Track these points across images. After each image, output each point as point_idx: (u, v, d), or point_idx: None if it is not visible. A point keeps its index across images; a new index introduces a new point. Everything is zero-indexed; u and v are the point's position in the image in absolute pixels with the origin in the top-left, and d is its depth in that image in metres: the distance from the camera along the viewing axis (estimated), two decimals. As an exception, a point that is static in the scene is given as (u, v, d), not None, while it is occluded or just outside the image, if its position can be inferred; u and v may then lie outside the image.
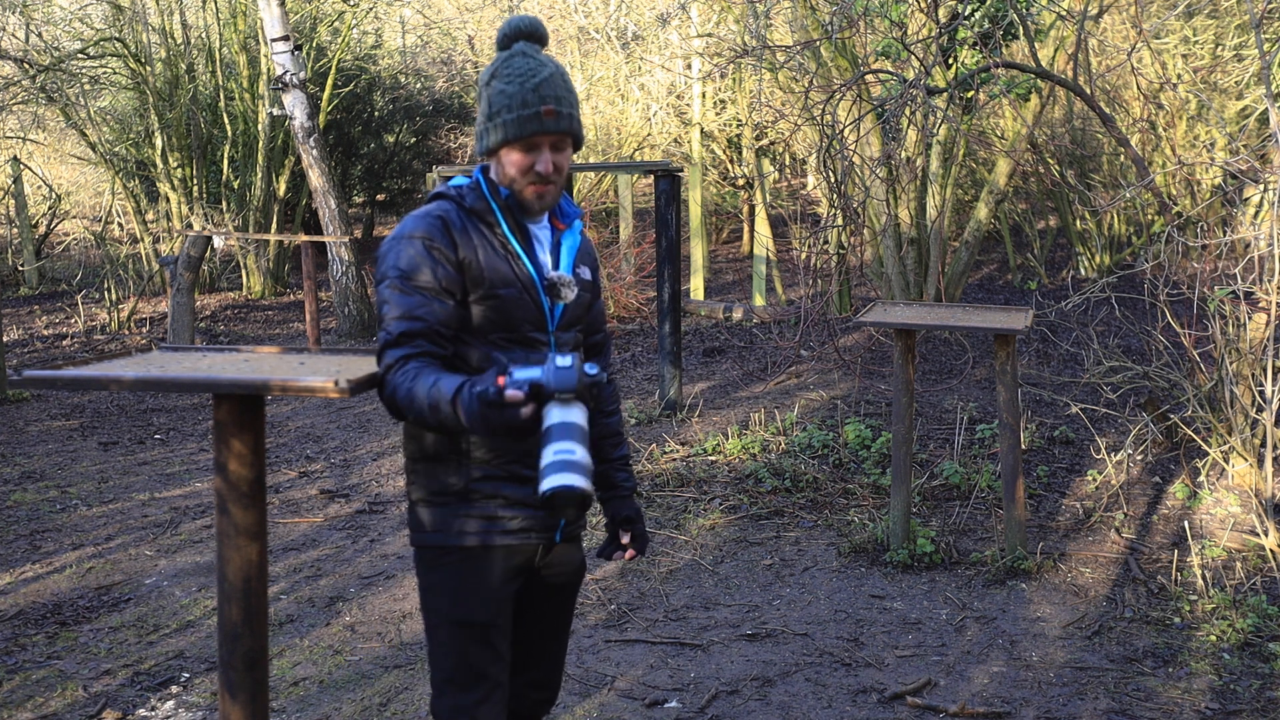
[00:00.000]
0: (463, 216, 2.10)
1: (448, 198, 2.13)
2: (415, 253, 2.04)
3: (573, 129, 2.09)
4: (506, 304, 2.08)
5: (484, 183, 2.13)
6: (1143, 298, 5.74)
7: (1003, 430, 4.31)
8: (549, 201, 2.12)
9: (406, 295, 2.02)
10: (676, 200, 6.78)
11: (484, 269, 2.06)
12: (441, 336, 2.03)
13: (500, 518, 2.12)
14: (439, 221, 2.07)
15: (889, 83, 5.95)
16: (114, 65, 14.22)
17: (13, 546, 4.96)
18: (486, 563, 2.12)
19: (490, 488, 2.11)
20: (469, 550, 2.11)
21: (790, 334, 8.96)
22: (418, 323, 2.01)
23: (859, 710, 3.29)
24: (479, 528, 2.11)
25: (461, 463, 2.11)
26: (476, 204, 2.11)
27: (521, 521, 2.13)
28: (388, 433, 6.95)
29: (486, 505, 2.11)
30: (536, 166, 2.07)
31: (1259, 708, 3.22)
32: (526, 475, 2.09)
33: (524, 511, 2.13)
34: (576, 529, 2.27)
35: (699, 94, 12.39)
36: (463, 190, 2.13)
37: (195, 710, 3.40)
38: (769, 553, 4.60)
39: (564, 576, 2.28)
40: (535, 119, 2.04)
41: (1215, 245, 5.25)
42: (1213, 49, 9.65)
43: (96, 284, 13.61)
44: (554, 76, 2.07)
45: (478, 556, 2.11)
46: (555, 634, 2.33)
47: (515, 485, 2.12)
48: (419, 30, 19.91)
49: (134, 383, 2.07)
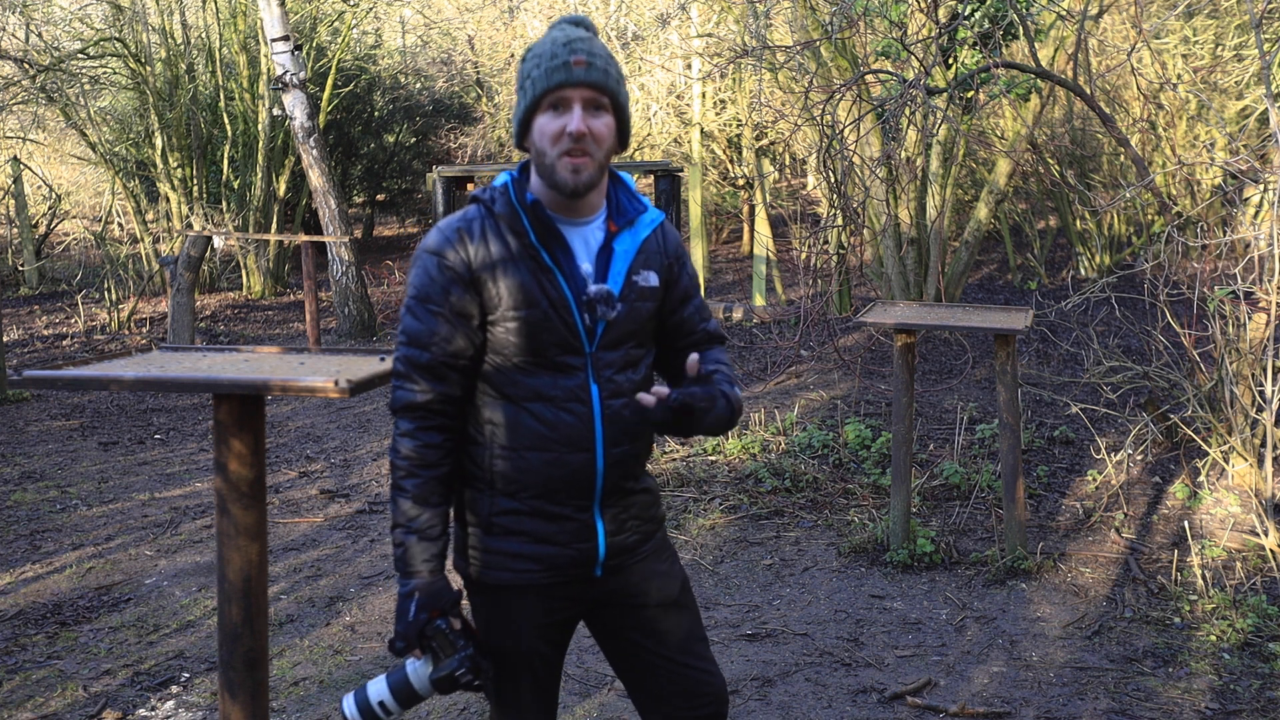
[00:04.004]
0: (489, 225, 1.89)
1: (480, 201, 1.93)
2: (428, 270, 1.88)
3: (608, 85, 1.83)
4: (529, 327, 1.86)
5: (512, 184, 1.91)
6: (1143, 298, 5.74)
7: (1003, 430, 4.31)
8: (585, 178, 1.84)
9: (416, 319, 1.88)
10: (676, 200, 6.79)
11: (502, 288, 1.86)
12: (450, 369, 1.88)
13: (522, 555, 1.94)
14: (456, 234, 1.88)
15: (889, 83, 5.95)
16: (114, 65, 14.22)
17: (13, 546, 4.96)
18: (511, 598, 1.97)
19: (512, 522, 1.94)
20: (492, 586, 1.97)
21: (790, 334, 8.96)
22: (424, 352, 1.87)
23: (859, 710, 3.28)
24: (501, 564, 1.95)
25: (485, 492, 1.95)
26: (504, 210, 1.89)
27: (547, 559, 1.95)
28: (387, 433, 6.95)
29: (509, 541, 1.94)
30: (568, 127, 1.81)
31: (1259, 708, 3.22)
32: (553, 511, 1.93)
33: (550, 549, 1.94)
34: (646, 550, 2.05)
35: (699, 94, 12.39)
36: (494, 193, 1.92)
37: (195, 710, 3.40)
38: (769, 553, 4.60)
39: (650, 597, 2.04)
40: (563, 68, 1.80)
41: (1215, 245, 5.25)
42: (1213, 49, 9.65)
43: (96, 284, 13.60)
44: (591, 40, 1.86)
45: (502, 592, 1.97)
46: (675, 650, 2.06)
47: (541, 521, 1.93)
48: (419, 30, 19.90)
49: (134, 383, 2.07)
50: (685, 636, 2.07)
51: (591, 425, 1.90)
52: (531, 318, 1.85)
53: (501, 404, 1.91)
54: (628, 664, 2.08)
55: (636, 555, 2.03)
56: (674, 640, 2.06)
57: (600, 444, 1.92)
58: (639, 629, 2.04)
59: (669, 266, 2.03)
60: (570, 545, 1.95)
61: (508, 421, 1.91)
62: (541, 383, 1.88)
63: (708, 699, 2.07)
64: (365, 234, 19.99)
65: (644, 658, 2.06)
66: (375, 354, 2.41)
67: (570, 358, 1.89)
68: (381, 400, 7.86)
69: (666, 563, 2.08)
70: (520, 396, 1.90)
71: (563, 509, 1.93)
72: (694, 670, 2.06)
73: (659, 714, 2.09)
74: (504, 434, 1.91)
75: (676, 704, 2.06)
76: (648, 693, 2.08)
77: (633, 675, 2.09)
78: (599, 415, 1.91)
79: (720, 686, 2.09)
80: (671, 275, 2.04)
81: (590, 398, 1.90)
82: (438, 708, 3.36)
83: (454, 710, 3.34)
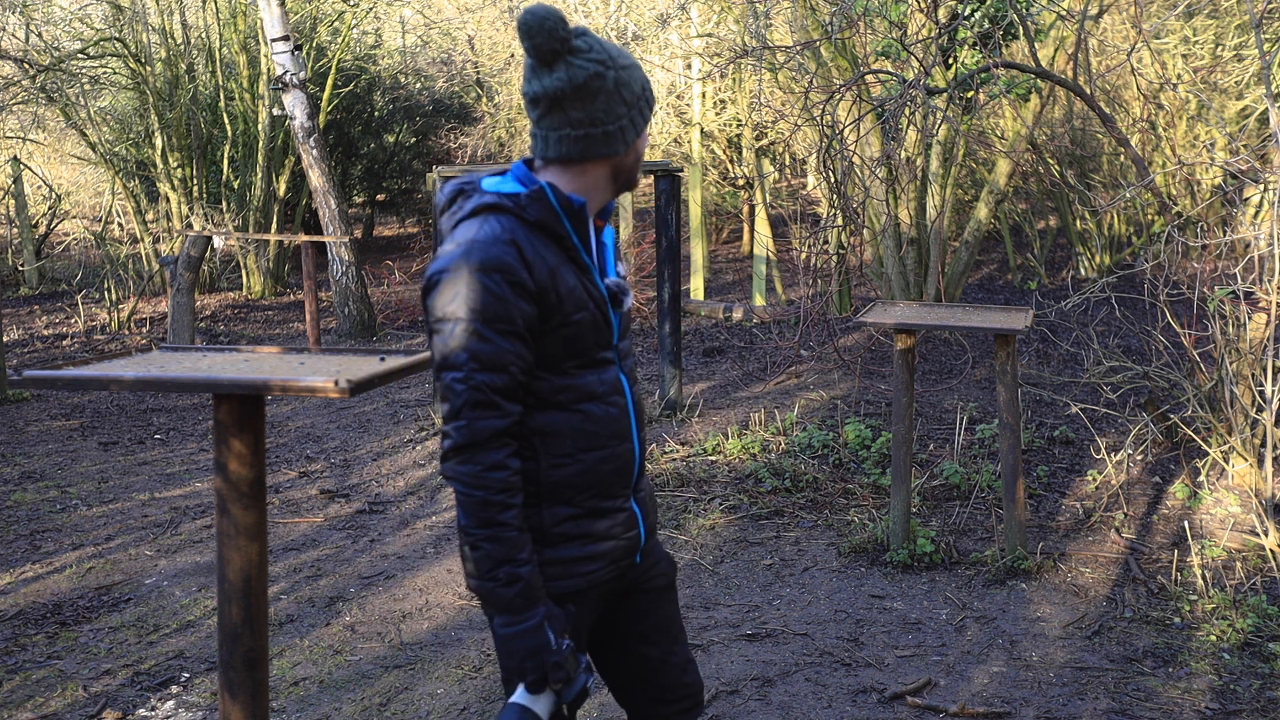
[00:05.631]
0: (529, 234, 1.82)
1: (505, 210, 1.82)
2: (489, 289, 1.76)
3: None
4: (581, 330, 1.86)
5: (550, 190, 1.84)
6: (1143, 298, 5.74)
7: (1003, 430, 4.31)
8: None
9: (486, 342, 1.76)
10: (676, 200, 6.79)
11: (561, 296, 1.82)
12: (521, 388, 1.83)
13: (585, 558, 1.92)
14: (512, 248, 1.78)
15: (889, 83, 5.95)
16: (114, 65, 14.21)
17: (13, 546, 4.96)
18: (575, 603, 1.93)
19: (572, 528, 1.91)
20: (558, 596, 1.91)
21: (790, 334, 8.96)
22: (501, 375, 1.77)
23: (859, 710, 3.29)
24: (567, 572, 1.91)
25: (537, 506, 1.89)
26: (544, 216, 1.83)
27: (608, 555, 1.95)
28: (388, 433, 6.95)
29: (570, 548, 1.91)
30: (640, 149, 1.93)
31: (1259, 708, 3.22)
32: (606, 507, 1.93)
33: (609, 544, 1.94)
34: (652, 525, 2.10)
35: (699, 94, 12.39)
36: (521, 200, 1.83)
37: (195, 710, 3.40)
38: (769, 553, 4.60)
39: (656, 580, 2.09)
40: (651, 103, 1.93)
41: (1215, 245, 5.25)
42: (1213, 49, 9.65)
43: (96, 284, 13.60)
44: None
45: (566, 600, 1.92)
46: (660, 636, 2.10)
47: (597, 520, 1.93)
48: (419, 30, 19.91)
49: (134, 383, 2.07)
50: (671, 624, 2.13)
51: (628, 414, 1.98)
52: (585, 320, 1.87)
53: (550, 413, 1.88)
54: (614, 655, 2.12)
55: (654, 537, 2.11)
56: (668, 628, 2.12)
57: (635, 430, 1.99)
58: (635, 617, 2.09)
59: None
60: (623, 536, 1.99)
61: (561, 428, 1.88)
62: (589, 382, 1.91)
63: (690, 690, 2.14)
64: (365, 234, 19.99)
65: (630, 645, 2.10)
66: (375, 354, 2.41)
67: (606, 353, 1.94)
68: (382, 400, 7.86)
69: (659, 544, 2.17)
70: (571, 400, 1.89)
71: (614, 502, 1.97)
72: (679, 660, 2.13)
73: (643, 707, 2.13)
74: (558, 441, 1.88)
75: (659, 697, 2.11)
76: (633, 685, 2.12)
77: (620, 668, 2.13)
78: (631, 403, 1.99)
79: (699, 679, 2.17)
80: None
81: (624, 388, 1.98)
82: (438, 708, 3.36)
83: (454, 710, 3.34)
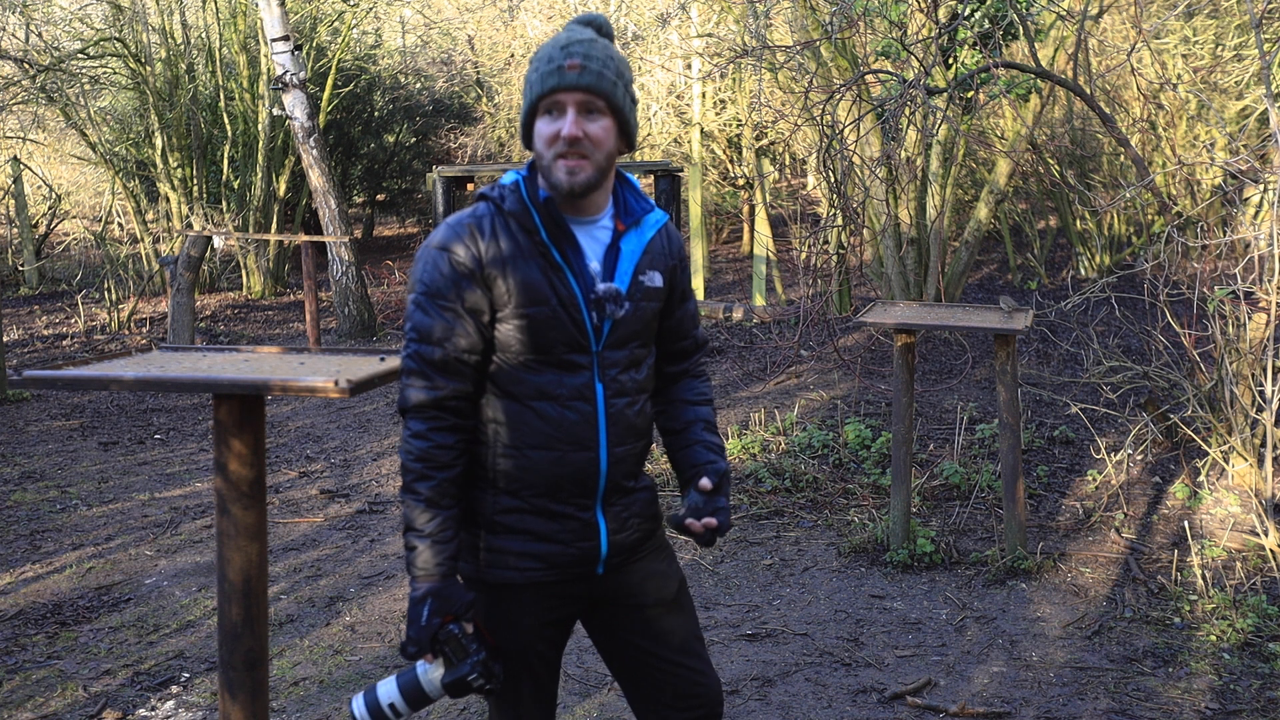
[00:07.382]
0: (499, 222, 1.89)
1: (489, 199, 1.92)
2: (438, 266, 1.86)
3: (603, 88, 1.84)
4: (537, 325, 1.87)
5: (523, 182, 1.91)
6: (1143, 298, 5.74)
7: (1003, 430, 4.31)
8: (582, 180, 1.85)
9: (427, 315, 1.86)
10: (676, 200, 6.79)
11: (512, 285, 1.86)
12: (462, 365, 1.87)
13: (524, 553, 1.94)
14: (467, 230, 1.87)
15: (889, 83, 5.95)
16: (114, 65, 14.21)
17: (13, 546, 4.96)
18: (513, 597, 1.96)
19: (515, 520, 1.94)
20: (493, 584, 1.96)
21: (790, 334, 8.96)
22: (437, 349, 1.86)
23: (859, 710, 3.28)
24: (503, 562, 1.95)
25: (488, 491, 1.95)
26: (515, 207, 1.89)
27: (549, 558, 1.95)
28: (388, 433, 6.95)
29: (511, 540, 1.94)
30: (561, 131, 1.82)
31: (1259, 708, 3.22)
32: (555, 510, 1.93)
33: (552, 547, 1.94)
34: (646, 549, 2.06)
35: (699, 94, 12.39)
36: (504, 190, 1.91)
37: (195, 710, 3.40)
38: (769, 553, 4.60)
39: (648, 596, 2.04)
40: (556, 73, 1.82)
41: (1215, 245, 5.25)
42: (1213, 49, 9.64)
43: (96, 284, 13.60)
44: (591, 42, 1.86)
45: (504, 590, 1.96)
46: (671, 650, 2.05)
47: (543, 520, 1.94)
48: (419, 30, 19.90)
49: (134, 383, 2.07)
50: (682, 637, 2.08)
51: (595, 424, 1.92)
52: (540, 315, 1.86)
53: (505, 402, 1.92)
54: (624, 664, 2.08)
55: (637, 554, 2.04)
56: (671, 640, 2.06)
57: (604, 443, 1.93)
58: (636, 629, 2.05)
59: (673, 269, 2.04)
60: (572, 544, 1.96)
61: (511, 420, 1.92)
62: (547, 380, 1.90)
63: (703, 700, 2.07)
64: (365, 234, 19.99)
65: (640, 658, 2.06)
66: (375, 354, 2.41)
67: (577, 356, 1.90)
68: (382, 400, 7.86)
69: (664, 562, 2.09)
70: (525, 394, 1.91)
71: (565, 507, 1.94)
72: (689, 671, 2.06)
73: (654, 714, 2.08)
74: (507, 432, 1.92)
75: (671, 704, 2.06)
76: (643, 693, 2.08)
77: (628, 675, 2.09)
78: (603, 414, 1.93)
79: (716, 688, 2.09)
80: (674, 277, 2.05)
81: (595, 396, 1.92)
82: (438, 708, 3.36)
83: (454, 710, 3.34)
